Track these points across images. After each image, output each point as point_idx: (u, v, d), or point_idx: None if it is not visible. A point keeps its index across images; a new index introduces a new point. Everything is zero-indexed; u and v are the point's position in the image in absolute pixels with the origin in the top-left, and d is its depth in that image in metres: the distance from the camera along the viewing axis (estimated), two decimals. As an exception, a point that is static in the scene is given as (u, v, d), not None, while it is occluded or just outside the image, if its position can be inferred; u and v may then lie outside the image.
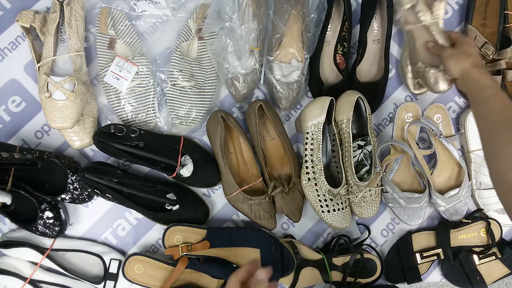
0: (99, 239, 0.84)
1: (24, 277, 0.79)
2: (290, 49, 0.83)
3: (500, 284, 0.92)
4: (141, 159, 0.79)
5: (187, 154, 0.81)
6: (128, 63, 0.81)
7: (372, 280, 0.83)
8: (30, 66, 0.85)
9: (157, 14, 0.86)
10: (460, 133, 0.88)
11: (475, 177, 0.86)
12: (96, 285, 0.80)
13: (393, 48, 0.91)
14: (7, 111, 0.84)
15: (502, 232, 0.85)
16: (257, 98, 0.88)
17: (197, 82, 0.83)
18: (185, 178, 0.81)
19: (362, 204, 0.81)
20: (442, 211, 0.84)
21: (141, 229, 0.85)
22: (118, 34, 0.83)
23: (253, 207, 0.80)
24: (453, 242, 0.84)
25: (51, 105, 0.72)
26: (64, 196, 0.79)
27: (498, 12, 0.90)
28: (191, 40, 0.84)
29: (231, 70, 0.79)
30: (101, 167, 0.79)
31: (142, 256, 0.78)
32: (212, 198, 0.86)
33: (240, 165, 0.85)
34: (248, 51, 0.78)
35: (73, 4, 0.77)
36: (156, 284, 0.78)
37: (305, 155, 0.80)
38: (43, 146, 0.84)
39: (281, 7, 0.81)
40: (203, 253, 0.77)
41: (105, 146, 0.77)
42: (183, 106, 0.82)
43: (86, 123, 0.80)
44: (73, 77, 0.74)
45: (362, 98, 0.80)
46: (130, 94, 0.82)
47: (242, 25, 0.75)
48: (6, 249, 0.78)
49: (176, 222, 0.78)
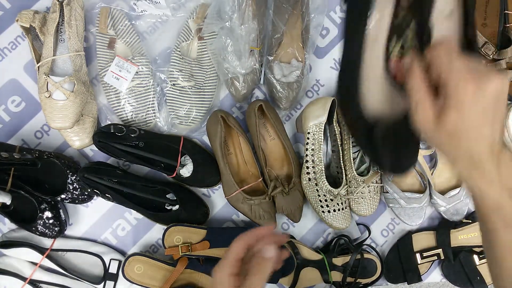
0: (99, 239, 0.84)
1: (24, 277, 0.79)
2: (290, 49, 0.83)
3: (501, 284, 0.92)
4: (141, 159, 0.79)
5: (187, 154, 0.81)
6: (128, 63, 0.81)
7: (372, 280, 0.83)
8: (29, 66, 0.85)
9: (157, 14, 0.86)
10: (460, 133, 0.88)
11: (475, 177, 0.86)
12: (96, 285, 0.80)
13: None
14: (7, 111, 0.84)
15: (503, 232, 0.85)
16: (257, 98, 0.88)
17: (197, 82, 0.83)
18: (185, 178, 0.81)
19: (360, 200, 0.81)
20: (443, 211, 0.84)
21: (141, 229, 0.85)
22: (118, 34, 0.83)
23: (253, 207, 0.80)
24: (454, 242, 0.83)
25: (51, 105, 0.72)
26: (64, 196, 0.79)
27: (498, 12, 0.90)
28: (191, 40, 0.84)
29: (231, 70, 0.79)
30: (101, 167, 0.79)
31: (142, 256, 0.78)
32: (212, 198, 0.86)
33: (240, 165, 0.85)
34: (248, 51, 0.78)
35: (73, 4, 0.77)
36: (156, 284, 0.78)
37: (306, 155, 0.80)
38: (43, 146, 0.84)
39: (281, 7, 0.81)
40: (203, 253, 0.77)
41: (105, 146, 0.77)
42: (183, 106, 0.82)
43: (86, 123, 0.80)
44: (73, 77, 0.74)
45: None
46: (130, 94, 0.82)
47: (242, 25, 0.75)
48: (6, 249, 0.78)
49: (176, 222, 0.78)
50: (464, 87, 0.35)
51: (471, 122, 0.35)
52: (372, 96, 0.45)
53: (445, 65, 0.36)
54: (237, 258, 0.49)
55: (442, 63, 0.37)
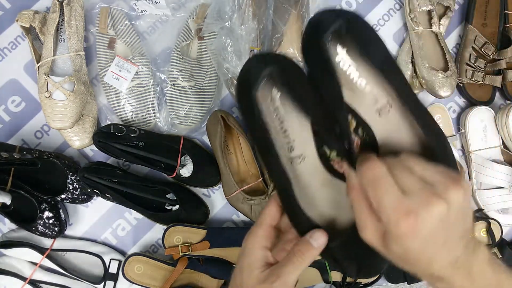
0: (99, 239, 0.84)
1: (24, 277, 0.79)
2: (290, 49, 0.83)
3: (501, 284, 0.92)
4: (141, 159, 0.79)
5: (187, 154, 0.81)
6: (128, 63, 0.81)
7: (372, 280, 0.83)
8: (29, 66, 0.85)
9: (157, 14, 0.86)
10: (460, 133, 0.88)
11: (475, 177, 0.86)
12: (96, 285, 0.80)
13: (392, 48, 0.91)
14: (7, 111, 0.84)
15: (503, 232, 0.85)
16: (257, 98, 0.88)
17: (197, 82, 0.83)
18: (185, 178, 0.81)
19: None
20: (442, 211, 0.84)
21: (141, 229, 0.84)
22: (118, 34, 0.83)
23: (253, 207, 0.80)
24: (453, 242, 0.83)
25: (51, 105, 0.72)
26: (64, 196, 0.79)
27: (498, 12, 0.90)
28: (191, 40, 0.84)
29: (231, 70, 0.79)
30: (101, 167, 0.79)
31: (142, 256, 0.78)
32: (212, 198, 0.86)
33: (240, 165, 0.85)
34: (248, 51, 0.78)
35: (73, 4, 0.77)
36: (156, 284, 0.78)
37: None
38: (42, 146, 0.84)
39: (281, 7, 0.81)
40: (203, 253, 0.77)
41: (105, 146, 0.77)
42: (183, 106, 0.82)
43: (86, 123, 0.80)
44: (73, 77, 0.74)
45: None
46: (130, 94, 0.82)
47: (242, 25, 0.75)
48: (6, 249, 0.78)
49: (176, 222, 0.78)
50: (398, 224, 0.29)
51: (417, 254, 0.31)
52: (324, 206, 0.40)
53: (373, 195, 0.31)
54: (272, 224, 0.40)
55: (369, 191, 0.32)
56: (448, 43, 0.89)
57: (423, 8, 0.84)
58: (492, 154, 0.87)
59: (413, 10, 0.85)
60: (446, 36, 0.92)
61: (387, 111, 0.37)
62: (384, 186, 0.31)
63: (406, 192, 0.30)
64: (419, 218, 0.29)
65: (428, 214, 0.29)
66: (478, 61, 0.87)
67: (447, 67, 0.84)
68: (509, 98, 0.90)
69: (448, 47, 0.86)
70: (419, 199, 0.30)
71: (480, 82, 0.87)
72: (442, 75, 0.81)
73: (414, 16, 0.85)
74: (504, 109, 0.86)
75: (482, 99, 0.89)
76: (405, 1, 0.87)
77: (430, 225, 0.29)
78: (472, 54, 0.88)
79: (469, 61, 0.88)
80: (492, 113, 0.87)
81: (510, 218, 0.86)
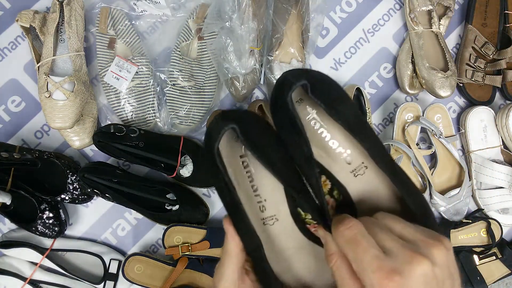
0: (99, 239, 0.84)
1: (24, 277, 0.79)
2: (290, 49, 0.83)
3: (500, 284, 0.92)
4: (141, 159, 0.79)
5: (187, 154, 0.81)
6: (128, 63, 0.81)
7: None
8: (29, 66, 0.85)
9: (157, 14, 0.86)
10: (460, 133, 0.88)
11: (475, 177, 0.86)
12: (96, 285, 0.80)
13: (392, 48, 0.91)
14: (7, 111, 0.84)
15: (503, 232, 0.85)
16: (257, 98, 0.88)
17: (197, 82, 0.83)
18: (185, 178, 0.80)
19: None
20: (443, 211, 0.84)
21: (141, 229, 0.85)
22: (118, 34, 0.83)
23: (253, 207, 0.80)
24: (453, 242, 0.83)
25: (51, 105, 0.72)
26: (64, 196, 0.79)
27: (498, 12, 0.90)
28: (191, 40, 0.84)
29: (231, 70, 0.79)
30: (101, 167, 0.79)
31: (142, 256, 0.78)
32: (212, 198, 0.86)
33: (240, 165, 0.85)
34: (248, 51, 0.78)
35: (73, 4, 0.77)
36: (156, 284, 0.78)
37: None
38: (42, 146, 0.84)
39: (281, 7, 0.81)
40: (203, 253, 0.77)
41: (105, 146, 0.77)
42: (183, 106, 0.82)
43: (86, 123, 0.80)
44: (73, 77, 0.74)
45: (361, 89, 0.81)
46: (130, 94, 0.82)
47: (242, 25, 0.75)
48: (6, 249, 0.78)
49: (176, 222, 0.78)
50: (382, 285, 0.28)
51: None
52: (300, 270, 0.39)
53: (353, 256, 0.30)
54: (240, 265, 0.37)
55: (348, 252, 0.31)
56: (448, 43, 0.89)
57: (423, 8, 0.84)
58: (492, 154, 0.87)
59: (413, 10, 0.85)
60: (446, 36, 0.92)
61: (363, 172, 0.37)
62: (364, 245, 0.30)
63: (387, 251, 0.29)
64: (404, 277, 0.28)
65: (412, 272, 0.28)
66: (478, 61, 0.87)
67: (447, 67, 0.84)
68: (509, 98, 0.90)
69: (448, 47, 0.86)
70: (402, 258, 0.28)
71: (480, 82, 0.88)
72: (442, 75, 0.81)
73: (414, 16, 0.85)
74: (504, 109, 0.86)
75: (482, 99, 0.89)
76: (405, 1, 0.87)
77: (416, 284, 0.28)
78: (472, 54, 0.88)
79: (469, 61, 0.88)
80: (492, 113, 0.87)
81: (510, 218, 0.86)
